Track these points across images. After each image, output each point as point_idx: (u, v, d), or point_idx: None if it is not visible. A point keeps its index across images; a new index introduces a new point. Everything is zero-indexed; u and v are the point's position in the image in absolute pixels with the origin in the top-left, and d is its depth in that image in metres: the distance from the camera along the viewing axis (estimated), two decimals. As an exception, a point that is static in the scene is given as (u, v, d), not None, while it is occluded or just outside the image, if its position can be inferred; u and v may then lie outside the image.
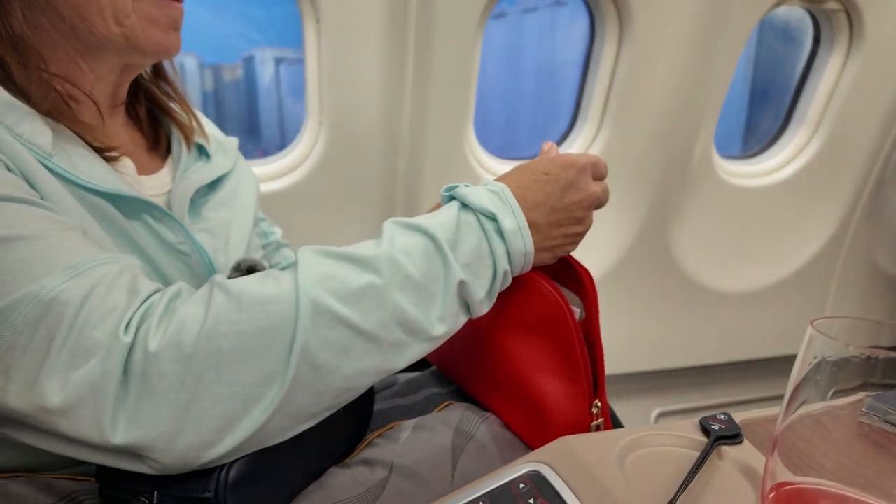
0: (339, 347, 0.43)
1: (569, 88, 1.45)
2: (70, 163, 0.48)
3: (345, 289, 0.43)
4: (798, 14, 1.49)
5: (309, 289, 0.42)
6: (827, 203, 1.62)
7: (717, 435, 0.49)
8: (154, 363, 0.38)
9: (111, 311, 0.39)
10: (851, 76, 1.44)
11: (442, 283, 0.47)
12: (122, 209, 0.51)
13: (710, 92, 1.35)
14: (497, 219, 0.50)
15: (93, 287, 0.39)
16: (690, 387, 1.71)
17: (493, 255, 0.49)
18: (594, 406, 0.56)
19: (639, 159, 1.39)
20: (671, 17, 1.23)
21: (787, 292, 1.67)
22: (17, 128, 0.46)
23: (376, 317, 0.44)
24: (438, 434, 0.56)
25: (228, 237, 0.63)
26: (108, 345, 0.38)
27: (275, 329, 0.41)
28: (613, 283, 1.50)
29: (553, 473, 0.45)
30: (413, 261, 0.46)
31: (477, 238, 0.49)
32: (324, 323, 0.42)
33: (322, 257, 0.45)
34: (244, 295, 0.42)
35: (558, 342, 0.56)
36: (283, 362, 0.41)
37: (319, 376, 0.42)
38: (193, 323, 0.40)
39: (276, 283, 0.43)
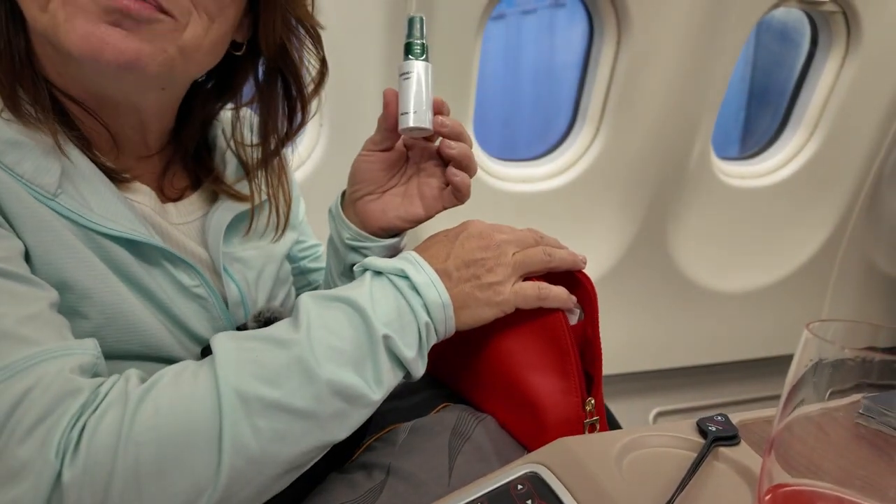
0: (275, 434, 0.40)
1: (567, 89, 1.46)
2: (80, 201, 0.46)
3: (269, 370, 0.41)
4: (796, 16, 1.50)
5: (230, 377, 0.40)
6: (824, 204, 1.62)
7: (715, 436, 0.49)
8: (72, 492, 0.35)
9: (39, 422, 0.36)
10: (849, 78, 1.45)
11: (367, 344, 0.46)
12: (136, 252, 0.48)
13: (707, 93, 1.35)
14: (407, 275, 0.50)
15: (24, 393, 0.36)
16: (688, 387, 1.71)
17: (412, 309, 0.49)
18: (587, 403, 0.56)
19: (637, 160, 1.40)
20: (669, 20, 1.23)
21: (784, 293, 1.68)
22: (18, 167, 0.43)
23: (309, 392, 0.42)
24: (435, 436, 0.56)
25: (263, 268, 0.60)
26: (36, 467, 0.35)
27: (199, 427, 0.38)
28: (612, 283, 1.50)
29: (551, 475, 0.45)
30: (333, 328, 0.45)
31: (393, 296, 0.49)
32: (253, 411, 0.39)
33: (239, 341, 0.43)
34: (161, 397, 0.39)
35: (549, 339, 0.57)
36: (213, 463, 0.38)
37: (259, 469, 0.40)
38: (107, 437, 0.36)
39: (192, 378, 0.40)
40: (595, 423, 0.56)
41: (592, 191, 1.42)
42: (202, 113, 0.60)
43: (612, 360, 1.65)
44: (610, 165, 1.40)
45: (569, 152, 1.42)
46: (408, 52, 0.56)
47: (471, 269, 0.53)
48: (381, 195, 0.63)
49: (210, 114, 0.62)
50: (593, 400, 0.56)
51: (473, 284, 0.52)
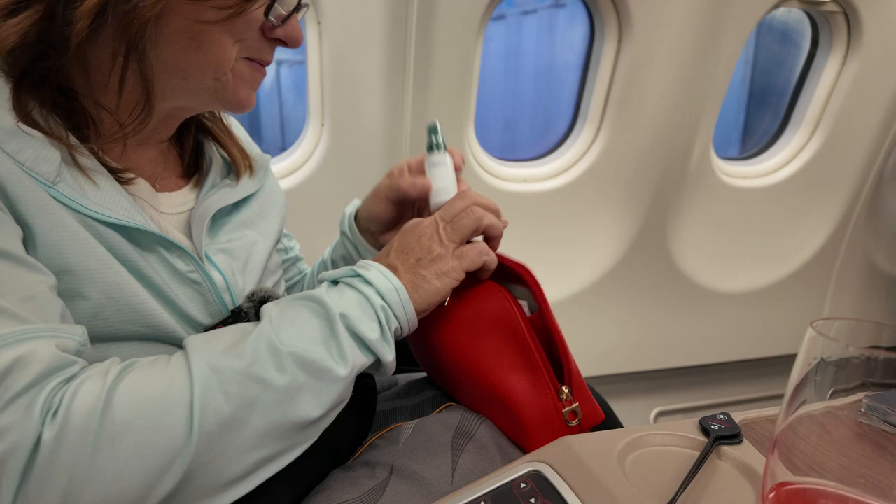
0: (244, 400, 0.43)
1: (567, 89, 1.46)
2: (78, 189, 0.48)
3: (237, 348, 0.45)
4: (796, 16, 1.50)
5: (201, 353, 0.44)
6: (825, 204, 1.62)
7: (717, 435, 0.49)
8: (46, 450, 0.37)
9: (24, 391, 0.38)
10: (850, 78, 1.45)
11: (328, 325, 0.49)
12: (132, 238, 0.50)
13: (708, 93, 1.35)
14: (358, 273, 0.54)
15: (12, 363, 0.38)
16: (689, 386, 1.71)
17: (366, 297, 0.52)
18: (561, 392, 0.56)
19: (638, 160, 1.40)
20: (670, 20, 1.23)
21: (785, 292, 1.68)
22: (19, 155, 0.45)
23: (276, 363, 0.45)
24: (438, 435, 0.56)
25: (248, 258, 0.62)
26: (19, 428, 0.37)
27: (173, 391, 0.41)
28: (613, 282, 1.50)
29: (554, 473, 0.45)
30: (295, 317, 0.49)
31: (348, 292, 0.53)
32: (224, 378, 0.43)
33: (207, 335, 0.47)
34: (137, 371, 0.42)
35: (511, 338, 0.58)
36: (185, 426, 0.40)
37: (228, 435, 0.42)
38: (88, 402, 0.39)
39: (166, 359, 0.44)
40: (576, 410, 0.57)
41: (593, 191, 1.42)
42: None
43: (612, 360, 1.66)
44: (611, 165, 1.40)
45: (570, 152, 1.42)
46: (435, 147, 0.70)
47: (412, 255, 0.57)
48: (395, 227, 0.73)
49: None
50: (567, 388, 0.57)
51: (419, 265, 0.57)
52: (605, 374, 1.54)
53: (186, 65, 0.51)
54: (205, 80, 0.53)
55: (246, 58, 0.54)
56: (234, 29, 0.51)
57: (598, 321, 1.50)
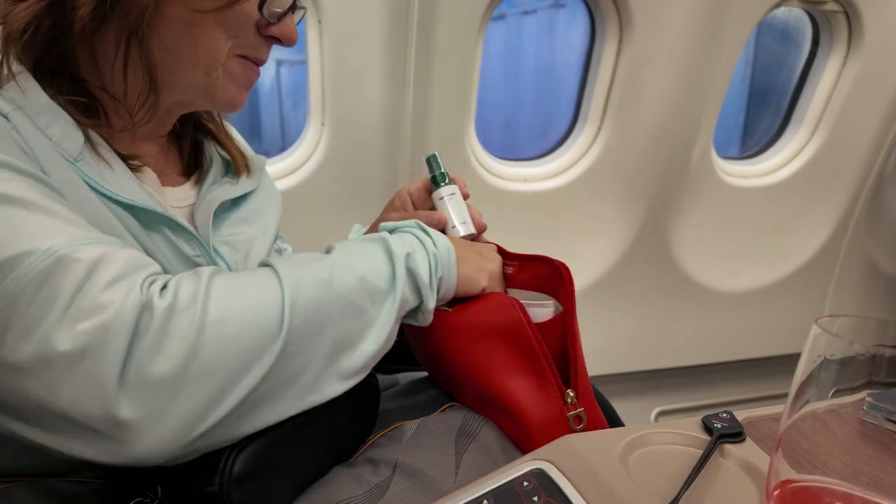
0: (320, 307, 0.47)
1: (568, 89, 1.46)
2: (95, 170, 0.50)
3: (314, 262, 0.50)
4: (797, 15, 1.50)
5: (285, 266, 0.48)
6: (826, 203, 1.62)
7: (720, 433, 0.49)
8: (161, 317, 0.40)
9: (121, 276, 0.40)
10: (850, 77, 1.45)
11: (389, 260, 0.53)
12: (142, 220, 0.52)
13: (709, 93, 1.35)
14: (421, 226, 0.59)
15: (103, 255, 0.41)
16: (690, 386, 1.71)
17: (423, 243, 0.56)
18: (567, 396, 0.56)
19: (639, 160, 1.40)
20: (671, 19, 1.23)
21: (786, 292, 1.68)
22: (48, 129, 0.48)
23: (346, 280, 0.49)
24: (442, 434, 0.57)
25: (248, 252, 0.64)
26: (120, 301, 0.39)
27: (264, 289, 0.45)
28: (614, 282, 1.50)
29: (557, 471, 0.45)
30: (362, 251, 0.53)
31: (408, 236, 0.57)
32: (306, 283, 0.47)
33: (288, 257, 0.51)
34: (228, 274, 0.46)
35: (517, 343, 0.57)
36: (277, 316, 0.44)
37: (309, 336, 0.46)
38: (189, 289, 0.42)
39: (251, 271, 0.48)
40: (580, 415, 0.56)
41: (594, 190, 1.42)
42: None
43: (613, 360, 1.66)
44: (611, 165, 1.40)
45: (570, 152, 1.42)
46: (440, 181, 0.71)
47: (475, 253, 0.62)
48: None
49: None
50: (573, 392, 0.56)
51: (472, 250, 0.63)
52: (605, 374, 1.54)
53: (181, 56, 0.52)
54: (196, 75, 0.53)
55: (240, 56, 0.55)
56: (227, 23, 0.52)
57: (599, 320, 1.51)
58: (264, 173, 0.72)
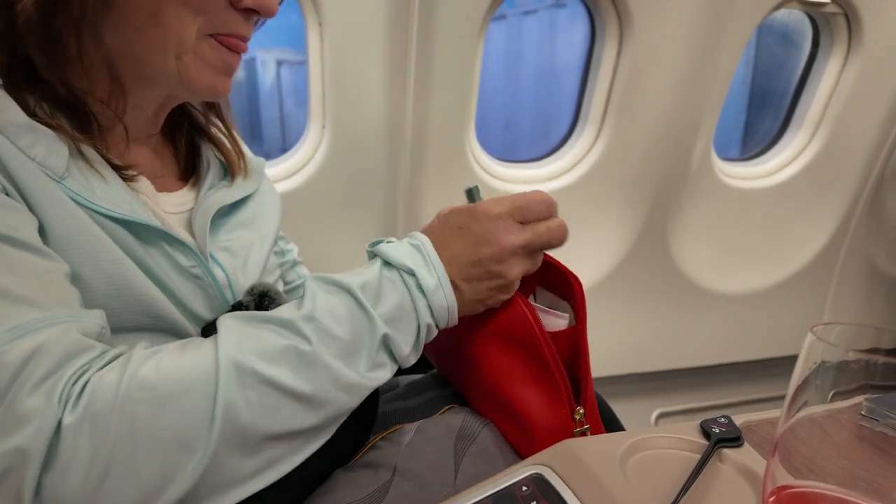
0: (266, 408, 0.42)
1: (568, 89, 1.46)
2: (85, 184, 0.48)
3: (268, 349, 0.43)
4: (797, 17, 1.50)
5: (230, 349, 0.42)
6: (826, 205, 1.62)
7: (718, 438, 0.49)
8: (69, 436, 0.37)
9: (47, 376, 0.38)
10: (850, 79, 1.45)
11: (367, 338, 0.47)
12: (137, 234, 0.51)
13: (709, 95, 1.35)
14: (416, 275, 0.50)
15: (34, 350, 0.38)
16: (691, 387, 1.71)
17: (416, 310, 0.50)
18: (576, 413, 0.56)
19: (639, 162, 1.40)
20: (671, 21, 1.23)
21: (786, 294, 1.68)
22: (31, 150, 0.46)
23: (304, 376, 0.44)
24: (441, 437, 0.57)
25: (247, 258, 0.62)
26: (40, 416, 0.37)
27: (195, 391, 0.40)
28: (614, 284, 1.50)
29: (555, 476, 0.45)
30: (336, 318, 0.46)
31: (400, 294, 0.50)
32: (248, 383, 0.41)
33: (243, 321, 0.45)
34: (163, 360, 0.41)
35: (532, 356, 0.57)
36: (205, 426, 0.40)
37: (248, 441, 0.42)
38: (107, 389, 0.39)
39: (195, 348, 0.43)
40: (586, 432, 0.56)
41: (594, 192, 1.42)
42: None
43: (613, 362, 1.66)
44: (612, 167, 1.40)
45: (571, 153, 1.42)
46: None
47: (480, 279, 0.54)
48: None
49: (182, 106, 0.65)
50: (582, 409, 0.56)
51: (480, 289, 0.54)
52: (606, 376, 1.55)
53: (145, 45, 0.49)
54: (165, 62, 0.50)
55: (212, 35, 0.51)
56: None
57: (600, 322, 1.51)
58: (263, 175, 0.72)
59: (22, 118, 0.46)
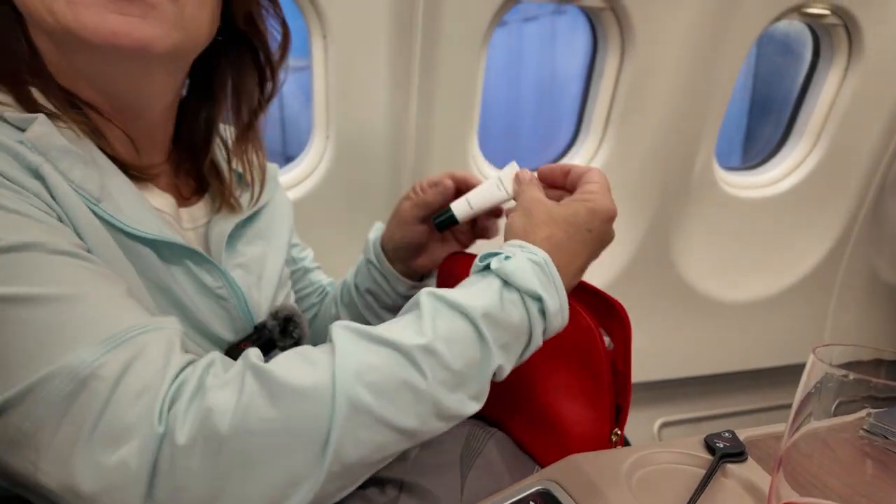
0: (375, 446, 0.42)
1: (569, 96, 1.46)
2: (116, 207, 0.48)
3: (384, 384, 0.42)
4: (798, 28, 1.51)
5: (347, 383, 0.40)
6: (828, 214, 1.63)
7: (723, 453, 0.49)
8: (182, 457, 0.37)
9: (145, 390, 0.38)
10: (851, 89, 1.46)
11: (477, 368, 0.46)
12: (163, 254, 0.50)
13: (711, 104, 1.36)
14: (542, 299, 0.48)
15: (130, 361, 0.38)
16: (694, 397, 1.71)
17: (531, 335, 0.49)
18: (614, 434, 0.56)
19: (641, 171, 1.41)
20: (673, 31, 1.24)
21: (788, 302, 1.68)
22: (70, 173, 0.45)
23: (414, 412, 0.43)
24: (446, 451, 0.57)
25: (262, 272, 0.62)
26: (142, 431, 0.37)
27: (308, 429, 0.39)
28: (616, 293, 1.49)
29: (562, 491, 0.45)
30: (453, 350, 0.44)
31: (519, 318, 0.48)
32: (361, 423, 0.40)
33: (361, 341, 0.43)
34: (277, 386, 0.39)
35: (587, 369, 0.56)
36: (315, 464, 0.39)
37: (351, 473, 0.42)
38: (223, 415, 0.38)
39: (311, 370, 0.41)
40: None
41: (596, 201, 1.43)
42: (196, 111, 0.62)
43: (616, 370, 1.64)
44: (614, 176, 1.40)
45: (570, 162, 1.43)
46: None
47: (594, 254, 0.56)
48: (425, 249, 0.73)
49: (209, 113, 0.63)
50: (619, 431, 0.56)
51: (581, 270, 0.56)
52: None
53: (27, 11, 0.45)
54: (43, 15, 0.44)
55: None
56: None
57: (601, 331, 1.51)
58: (277, 184, 0.71)
59: (61, 141, 0.45)
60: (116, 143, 0.52)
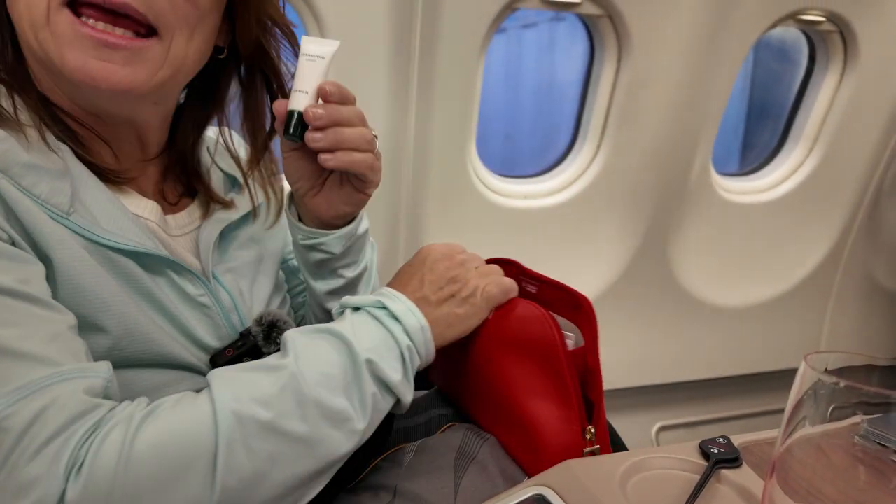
0: (268, 455, 0.42)
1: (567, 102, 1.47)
2: (90, 219, 0.48)
3: (263, 392, 0.43)
4: (794, 34, 1.52)
5: (227, 401, 0.42)
6: (824, 219, 1.63)
7: (717, 458, 0.49)
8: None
9: (49, 441, 0.37)
10: (847, 95, 1.47)
11: (352, 369, 0.48)
12: (144, 263, 0.50)
13: (707, 111, 1.37)
14: (385, 305, 0.53)
15: (40, 411, 0.37)
16: (690, 401, 1.71)
17: (393, 335, 0.51)
18: (587, 431, 0.56)
19: (638, 176, 1.41)
20: (669, 41, 1.25)
21: (785, 307, 1.68)
22: (35, 189, 0.45)
23: (300, 414, 0.44)
24: (440, 456, 0.57)
25: (255, 277, 0.62)
26: (45, 483, 0.36)
27: (196, 447, 0.40)
28: (614, 298, 1.51)
29: (557, 497, 0.45)
30: (320, 354, 0.48)
31: (373, 325, 0.52)
32: (249, 432, 0.41)
33: (233, 372, 0.46)
34: (161, 418, 0.40)
35: (549, 367, 0.57)
36: (208, 482, 0.40)
37: (250, 490, 0.41)
38: (111, 454, 0.38)
39: (192, 401, 0.42)
40: (596, 451, 0.56)
41: (594, 207, 1.43)
42: (192, 120, 0.62)
43: (613, 375, 1.65)
44: (611, 182, 1.41)
45: (570, 169, 1.44)
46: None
47: (446, 289, 0.57)
48: (321, 187, 0.61)
49: (200, 120, 0.63)
50: (594, 428, 0.56)
51: (452, 303, 0.57)
52: (606, 390, 1.54)
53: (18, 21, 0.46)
54: (30, 41, 0.46)
55: (68, 5, 0.45)
56: None
57: (600, 336, 1.51)
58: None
59: (24, 157, 0.45)
60: (95, 149, 0.52)
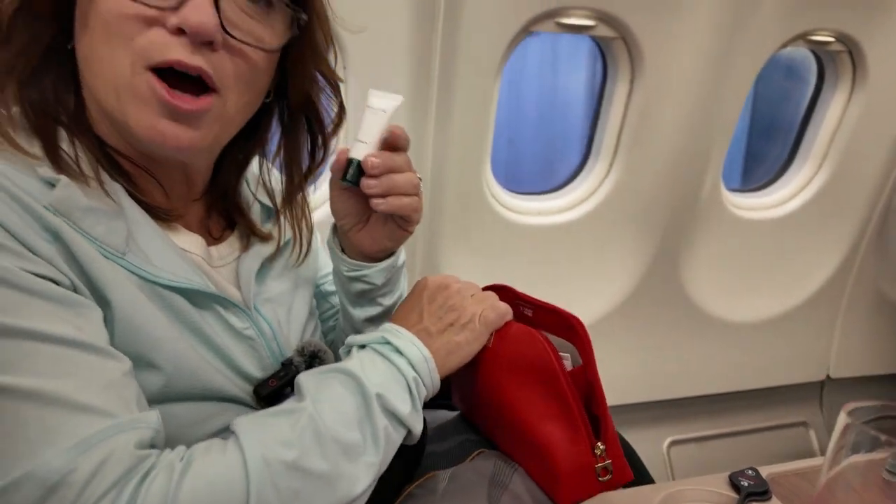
0: (292, 493, 0.44)
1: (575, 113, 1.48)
2: (143, 257, 0.49)
3: (285, 435, 0.46)
4: (803, 53, 1.53)
5: (255, 446, 0.45)
6: (833, 235, 1.64)
7: (747, 492, 0.51)
8: None
9: (107, 493, 0.39)
10: (856, 113, 1.48)
11: (364, 405, 0.51)
12: (193, 300, 0.52)
13: (718, 130, 1.39)
14: (388, 341, 0.56)
15: (98, 467, 0.40)
16: (702, 415, 1.72)
17: (398, 368, 0.54)
18: (596, 448, 0.58)
19: (650, 194, 1.43)
20: (681, 61, 1.27)
21: (795, 322, 1.69)
22: (93, 230, 0.47)
23: (319, 452, 0.46)
24: (474, 485, 0.58)
25: (292, 305, 0.64)
26: None
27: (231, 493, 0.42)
28: (626, 314, 1.52)
29: (593, 530, 0.47)
30: (333, 395, 0.51)
31: (379, 361, 0.55)
32: (275, 472, 0.44)
33: (256, 418, 0.48)
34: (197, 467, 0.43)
35: (550, 388, 0.59)
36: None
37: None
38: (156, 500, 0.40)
39: (221, 450, 0.45)
40: (608, 467, 0.58)
41: (606, 223, 1.45)
42: (235, 158, 0.64)
43: (626, 390, 1.66)
44: (623, 199, 1.43)
45: (583, 186, 1.45)
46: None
47: (445, 319, 0.60)
48: (365, 223, 0.65)
49: (242, 159, 0.65)
50: (603, 444, 0.58)
51: (452, 331, 0.59)
52: (618, 405, 1.56)
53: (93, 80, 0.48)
54: (106, 99, 0.47)
55: (152, 69, 0.47)
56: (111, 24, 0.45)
57: (612, 352, 1.52)
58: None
59: (84, 202, 0.47)
60: (147, 188, 0.54)
